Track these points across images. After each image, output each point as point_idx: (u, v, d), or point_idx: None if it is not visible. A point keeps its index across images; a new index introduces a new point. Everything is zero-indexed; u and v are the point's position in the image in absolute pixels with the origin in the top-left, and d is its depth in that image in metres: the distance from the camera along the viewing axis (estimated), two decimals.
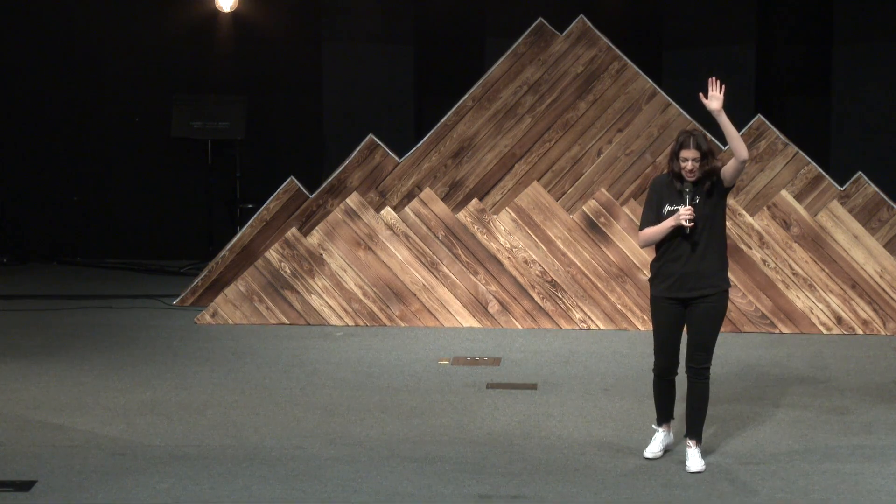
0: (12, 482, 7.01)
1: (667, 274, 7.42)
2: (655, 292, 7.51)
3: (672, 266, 7.41)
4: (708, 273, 7.39)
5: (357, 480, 7.13)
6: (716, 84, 7.40)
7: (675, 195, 7.39)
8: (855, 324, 10.89)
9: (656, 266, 7.50)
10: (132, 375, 9.39)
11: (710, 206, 7.37)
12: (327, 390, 9.04)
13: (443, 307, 11.12)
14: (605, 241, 11.09)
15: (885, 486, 7.08)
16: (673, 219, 7.33)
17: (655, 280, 7.50)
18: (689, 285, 7.38)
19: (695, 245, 7.35)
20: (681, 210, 7.31)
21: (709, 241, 7.38)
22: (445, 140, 11.26)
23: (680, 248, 7.38)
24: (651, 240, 7.46)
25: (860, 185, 10.98)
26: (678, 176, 7.37)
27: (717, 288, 7.42)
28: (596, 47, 11.18)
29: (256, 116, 14.03)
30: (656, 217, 7.42)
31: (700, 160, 7.30)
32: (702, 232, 7.35)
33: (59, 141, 14.29)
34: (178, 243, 14.16)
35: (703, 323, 7.42)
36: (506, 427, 8.16)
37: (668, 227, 7.35)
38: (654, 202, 7.46)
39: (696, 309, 7.42)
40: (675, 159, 7.36)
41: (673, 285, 7.40)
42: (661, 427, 7.68)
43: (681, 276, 7.38)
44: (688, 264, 7.37)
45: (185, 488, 6.98)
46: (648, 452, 7.63)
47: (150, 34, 14.09)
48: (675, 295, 7.41)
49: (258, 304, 11.14)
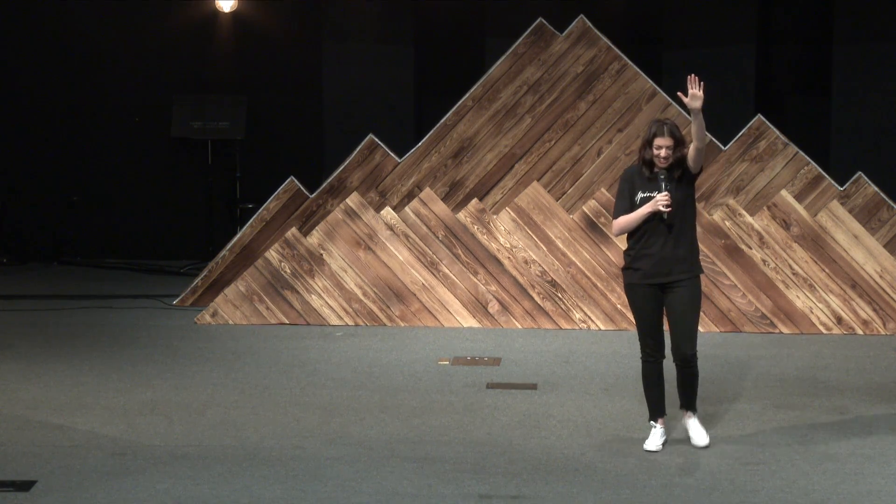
0: (12, 482, 7.01)
1: (642, 260, 7.63)
2: (631, 279, 7.70)
3: (647, 252, 7.61)
4: (682, 258, 7.62)
5: (357, 480, 7.13)
6: (696, 82, 7.52)
7: (647, 182, 7.61)
8: (855, 324, 10.89)
9: (631, 253, 7.69)
10: (132, 375, 9.39)
11: (681, 193, 7.60)
12: (327, 390, 9.04)
13: (443, 307, 11.12)
14: (605, 241, 11.09)
15: (886, 486, 7.08)
16: (650, 205, 7.55)
17: (631, 268, 7.70)
18: (664, 270, 7.60)
19: (669, 231, 7.58)
20: (657, 196, 7.53)
21: (681, 226, 7.62)
22: (445, 140, 11.26)
23: (655, 235, 7.60)
24: (626, 227, 7.67)
25: (860, 185, 10.98)
26: (649, 163, 7.60)
27: (691, 272, 7.66)
28: (596, 47, 11.18)
29: (256, 116, 14.04)
30: (630, 205, 7.65)
31: (673, 148, 7.53)
32: (675, 218, 7.57)
33: (60, 141, 14.30)
34: (178, 243, 14.17)
35: (684, 309, 7.63)
36: (506, 427, 8.16)
37: (644, 213, 7.57)
38: (626, 191, 7.69)
39: (673, 295, 7.63)
40: (647, 147, 7.59)
41: (649, 271, 7.61)
42: (657, 422, 7.77)
43: (656, 261, 7.60)
44: (663, 250, 7.59)
45: (185, 488, 6.98)
46: (649, 445, 7.71)
47: (150, 34, 14.10)
48: (651, 281, 7.62)
49: (258, 304, 11.14)
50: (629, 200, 7.64)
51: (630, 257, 7.68)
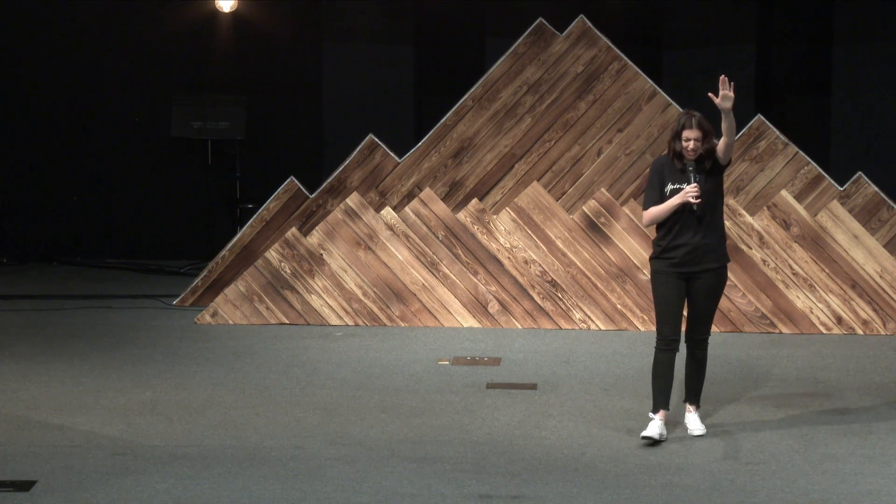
0: (12, 482, 7.01)
1: (674, 251, 7.75)
2: (660, 267, 7.82)
3: (678, 243, 7.74)
4: (711, 247, 7.77)
5: (357, 480, 7.13)
6: (726, 83, 7.66)
7: (677, 174, 7.74)
8: (855, 324, 10.89)
9: (662, 244, 7.80)
10: (132, 375, 9.39)
11: (710, 183, 7.73)
12: (327, 390, 9.04)
13: (443, 307, 11.12)
14: (605, 241, 11.09)
15: (886, 486, 7.08)
16: (679, 196, 7.68)
17: (661, 257, 7.81)
18: (695, 260, 7.74)
19: (699, 221, 7.71)
20: (687, 188, 7.65)
21: (711, 217, 7.76)
22: (445, 140, 11.26)
23: (686, 226, 7.73)
24: (657, 218, 7.80)
25: (860, 185, 10.98)
26: (678, 155, 7.73)
27: (719, 262, 7.82)
28: (596, 47, 11.18)
29: (256, 116, 14.03)
30: (660, 197, 7.77)
31: (702, 140, 7.65)
32: (705, 208, 7.70)
33: (59, 141, 14.29)
34: (178, 243, 14.16)
35: (707, 297, 7.81)
36: (506, 427, 8.16)
37: (674, 204, 7.70)
38: (656, 183, 7.81)
39: (699, 283, 7.78)
40: (676, 139, 7.71)
41: (680, 261, 7.74)
42: (656, 415, 7.83)
43: (688, 251, 7.73)
44: (693, 239, 7.72)
45: (185, 488, 6.98)
46: (647, 433, 7.75)
47: (150, 34, 14.09)
48: (681, 270, 7.75)
49: (258, 304, 11.14)
50: (659, 192, 7.77)
51: (660, 247, 7.80)
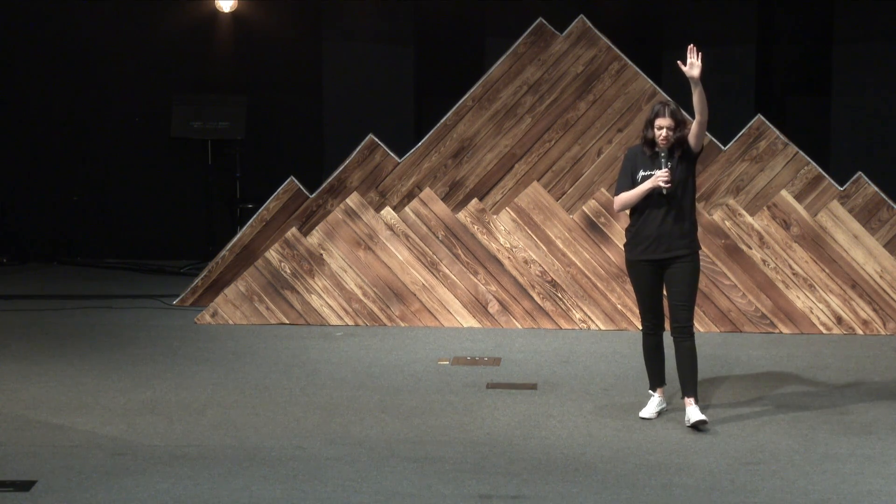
0: (12, 482, 7.01)
1: (643, 236, 7.93)
2: (632, 256, 8.02)
3: (648, 228, 7.91)
4: (681, 234, 7.91)
5: (357, 480, 7.13)
6: (694, 52, 7.85)
7: (648, 161, 7.92)
8: (855, 324, 10.89)
9: (633, 230, 7.99)
10: (132, 375, 9.39)
11: (682, 171, 7.89)
12: (327, 390, 9.04)
13: (443, 307, 11.12)
14: (605, 241, 11.09)
15: (886, 486, 7.08)
16: (650, 181, 7.86)
17: (631, 244, 8.00)
18: (664, 246, 7.90)
19: (669, 208, 7.87)
20: (658, 173, 7.82)
21: (681, 204, 7.90)
22: (445, 140, 11.26)
23: (656, 211, 7.89)
24: (627, 203, 7.96)
25: (860, 185, 10.98)
26: (651, 143, 7.91)
27: (690, 248, 7.95)
28: (596, 47, 11.18)
29: (256, 116, 14.04)
30: (631, 183, 7.95)
31: (674, 128, 7.85)
32: (675, 195, 7.86)
33: (59, 141, 14.30)
34: (178, 243, 14.17)
35: (682, 282, 7.94)
36: (506, 427, 8.16)
37: (645, 189, 7.87)
38: (628, 169, 8.00)
39: (673, 269, 7.93)
40: (649, 127, 7.90)
41: (649, 247, 7.91)
42: (655, 392, 8.16)
43: (656, 237, 7.89)
44: (662, 226, 7.88)
45: (185, 488, 6.98)
46: (644, 413, 8.13)
47: (150, 34, 14.10)
48: (651, 257, 7.93)
49: (258, 304, 11.14)
50: (630, 178, 7.94)
51: (631, 234, 7.99)
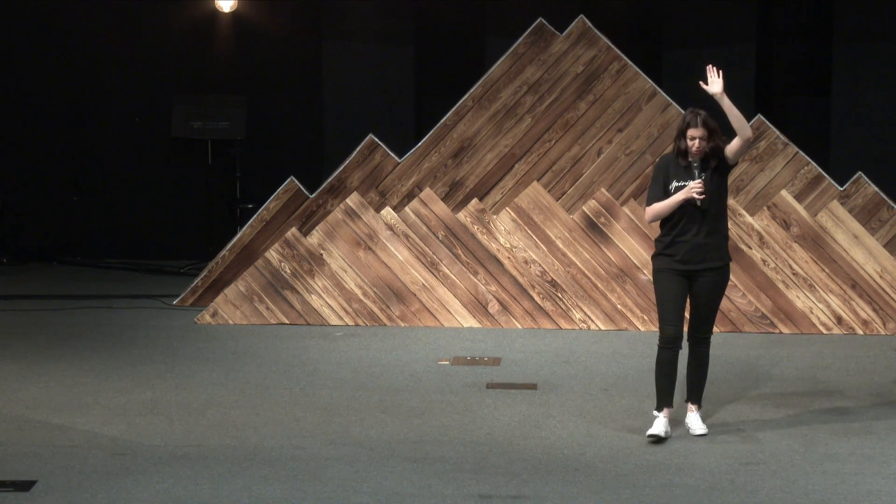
0: (12, 482, 7.01)
1: (677, 247, 7.77)
2: (663, 265, 7.83)
3: (682, 240, 7.76)
4: (714, 246, 7.80)
5: (357, 480, 7.13)
6: (714, 70, 7.75)
7: (682, 171, 7.76)
8: (855, 324, 10.89)
9: (665, 240, 7.83)
10: (132, 375, 9.39)
11: (715, 182, 7.76)
12: (327, 390, 9.04)
13: (443, 307, 11.12)
14: (605, 241, 11.09)
15: (886, 486, 7.08)
16: (684, 192, 7.71)
17: (664, 255, 7.83)
18: (698, 258, 7.76)
19: (703, 219, 7.74)
20: (691, 184, 7.68)
21: (715, 215, 7.78)
22: (445, 140, 11.26)
23: (689, 223, 7.75)
24: (660, 214, 7.82)
25: (860, 185, 10.98)
26: (684, 153, 7.76)
27: (722, 261, 7.85)
28: (596, 47, 11.18)
29: (256, 116, 14.03)
30: (664, 193, 7.80)
31: (707, 138, 7.67)
32: (709, 206, 7.72)
33: (59, 141, 14.29)
34: (178, 243, 14.16)
35: (710, 295, 7.84)
36: (506, 427, 8.16)
37: (678, 200, 7.73)
38: (660, 179, 7.84)
39: (701, 281, 7.80)
40: (682, 137, 7.74)
41: (683, 258, 7.76)
42: (661, 413, 7.86)
43: (691, 249, 7.75)
44: (697, 237, 7.75)
45: (185, 488, 6.98)
46: (652, 430, 7.79)
47: (150, 34, 14.09)
48: (684, 268, 7.77)
49: (258, 304, 11.14)
50: (662, 189, 7.81)
51: (663, 244, 7.83)
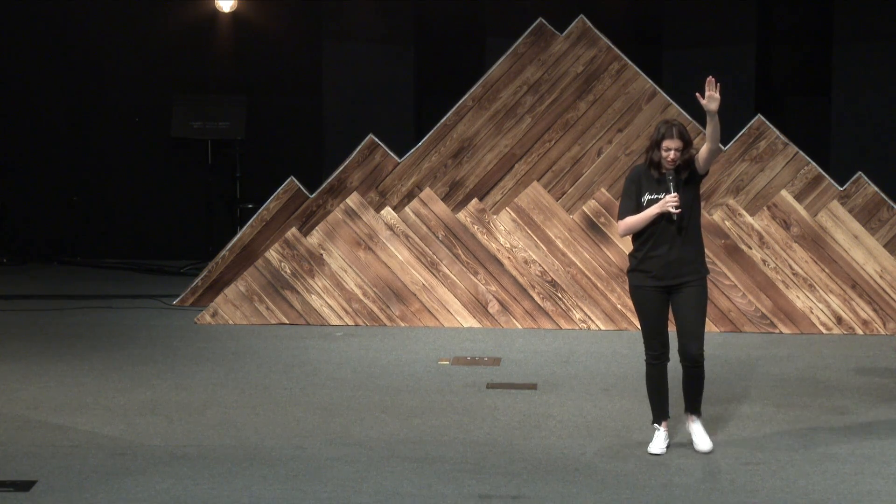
0: (12, 482, 7.01)
1: (651, 262, 7.53)
2: (638, 282, 7.61)
3: (656, 254, 7.52)
4: (690, 259, 7.55)
5: (357, 480, 7.13)
6: (713, 84, 7.45)
7: (654, 184, 7.52)
8: (855, 324, 10.89)
9: (638, 255, 7.59)
10: (132, 375, 9.39)
11: (689, 194, 7.52)
12: (327, 390, 9.04)
13: (443, 307, 11.12)
14: (605, 241, 11.09)
15: (885, 486, 7.08)
16: (658, 206, 7.46)
17: (638, 271, 7.60)
18: (673, 272, 7.51)
19: (677, 233, 7.49)
20: (667, 197, 7.44)
21: (689, 228, 7.53)
22: (445, 140, 11.26)
23: (663, 236, 7.51)
24: (633, 228, 7.57)
25: (860, 185, 10.98)
26: (657, 165, 7.51)
27: (699, 274, 7.58)
28: (596, 47, 11.18)
29: (256, 116, 14.04)
30: (636, 206, 7.55)
31: (682, 149, 7.45)
32: (683, 219, 7.49)
33: (59, 141, 14.30)
34: (178, 243, 14.17)
35: (691, 310, 7.54)
36: (506, 427, 8.16)
37: (653, 213, 7.48)
38: (632, 192, 7.58)
39: (681, 296, 7.55)
40: (655, 149, 7.50)
41: (658, 274, 7.52)
42: (660, 426, 7.70)
43: (665, 263, 7.51)
44: (671, 251, 7.50)
45: (185, 488, 6.98)
46: (653, 448, 7.65)
47: (150, 34, 14.10)
48: (660, 283, 7.53)
49: (258, 304, 11.14)
50: (635, 201, 7.55)
51: (637, 259, 7.59)
